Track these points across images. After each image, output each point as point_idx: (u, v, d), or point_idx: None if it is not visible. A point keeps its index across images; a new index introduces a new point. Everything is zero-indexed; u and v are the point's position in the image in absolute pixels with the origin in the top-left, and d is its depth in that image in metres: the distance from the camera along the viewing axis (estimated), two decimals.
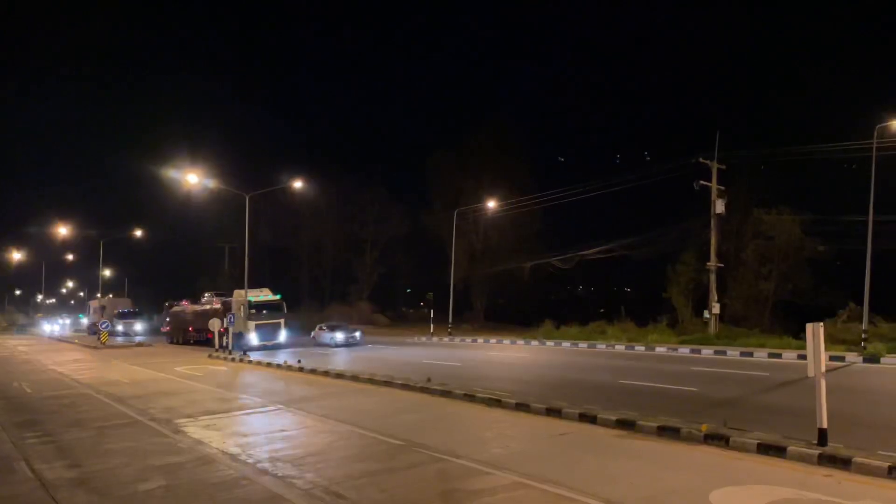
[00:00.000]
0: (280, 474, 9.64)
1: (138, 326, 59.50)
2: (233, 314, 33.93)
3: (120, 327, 57.81)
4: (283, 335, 34.59)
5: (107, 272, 66.50)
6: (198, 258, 71.70)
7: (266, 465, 10.21)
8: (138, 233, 56.54)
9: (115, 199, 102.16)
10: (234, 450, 11.32)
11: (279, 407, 15.78)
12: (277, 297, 34.99)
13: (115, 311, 60.47)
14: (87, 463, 10.79)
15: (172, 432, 13.11)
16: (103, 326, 43.32)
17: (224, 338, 31.74)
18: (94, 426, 14.04)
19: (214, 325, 32.54)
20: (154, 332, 58.66)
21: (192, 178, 32.07)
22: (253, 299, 33.52)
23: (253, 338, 32.89)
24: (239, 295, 34.32)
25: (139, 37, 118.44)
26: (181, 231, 71.93)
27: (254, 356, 28.74)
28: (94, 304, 69.02)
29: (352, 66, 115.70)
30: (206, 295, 48.85)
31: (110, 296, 69.16)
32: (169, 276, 76.78)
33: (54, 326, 78.91)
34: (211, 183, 35.14)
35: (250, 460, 10.55)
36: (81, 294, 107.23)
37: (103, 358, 33.79)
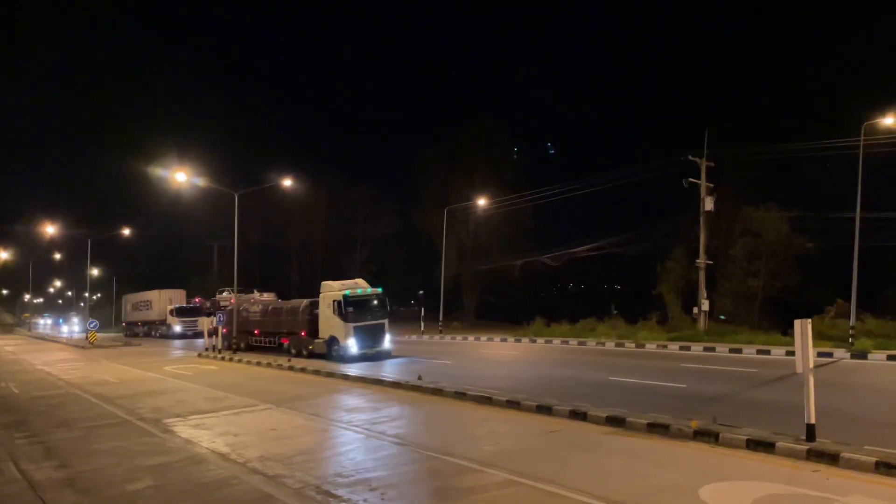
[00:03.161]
0: (270, 473, 9.60)
1: (201, 325, 43.05)
2: (222, 312, 33.73)
3: (178, 327, 46.28)
4: (387, 340, 25.66)
5: (95, 271, 65.93)
6: (187, 257, 71.41)
7: (256, 464, 10.17)
8: (126, 232, 56.18)
9: (103, 198, 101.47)
10: (224, 449, 11.27)
11: (269, 406, 15.72)
12: (378, 290, 26.41)
13: (170, 307, 48.78)
14: (75, 463, 10.72)
15: (161, 432, 13.04)
16: (91, 326, 43.00)
17: (213, 336, 31.56)
18: (83, 426, 13.95)
19: (204, 323, 32.46)
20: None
21: (181, 177, 31.88)
22: (349, 294, 24.96)
23: (351, 344, 24.38)
24: (330, 288, 26.25)
25: (128, 35, 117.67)
26: (170, 230, 71.53)
27: (350, 370, 21.74)
28: (132, 299, 58.96)
29: (342, 63, 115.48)
30: (224, 291, 45.71)
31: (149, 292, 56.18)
32: (157, 276, 76.27)
33: (72, 327, 69.61)
34: (200, 181, 34.95)
35: (240, 459, 10.51)
36: (69, 293, 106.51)
37: (91, 357, 33.58)
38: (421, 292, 50.14)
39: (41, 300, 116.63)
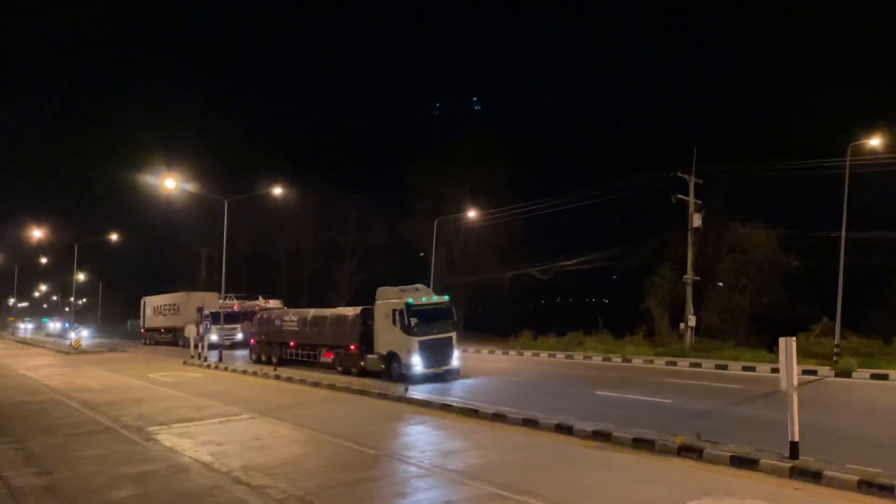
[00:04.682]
0: (254, 483, 9.55)
1: (241, 334, 37.52)
2: (209, 320, 33.48)
3: (214, 336, 36.42)
4: (455, 357, 21.57)
5: (81, 276, 65.41)
6: (174, 263, 70.99)
7: (239, 473, 10.11)
8: (113, 237, 55.77)
9: (90, 203, 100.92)
10: (208, 458, 11.20)
11: (254, 415, 15.64)
12: (445, 298, 22.58)
13: (204, 312, 40.48)
14: (57, 470, 10.62)
15: (144, 440, 12.94)
16: (76, 331, 42.63)
17: (199, 344, 31.35)
18: (65, 433, 13.83)
19: (190, 331, 32.17)
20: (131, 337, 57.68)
21: (170, 183, 31.77)
22: (413, 302, 21.07)
23: (416, 362, 20.35)
24: (387, 295, 22.42)
25: (116, 42, 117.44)
26: (158, 236, 71.08)
27: (423, 392, 17.82)
28: (154, 301, 51.27)
29: (333, 72, 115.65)
30: (228, 297, 38.76)
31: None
32: (144, 281, 75.75)
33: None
34: (190, 187, 34.85)
35: (224, 469, 10.44)
36: (55, 298, 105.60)
37: (75, 363, 33.27)
38: (410, 301, 50.04)
39: (26, 304, 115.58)
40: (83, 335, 60.90)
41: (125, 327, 73.91)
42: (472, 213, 44.67)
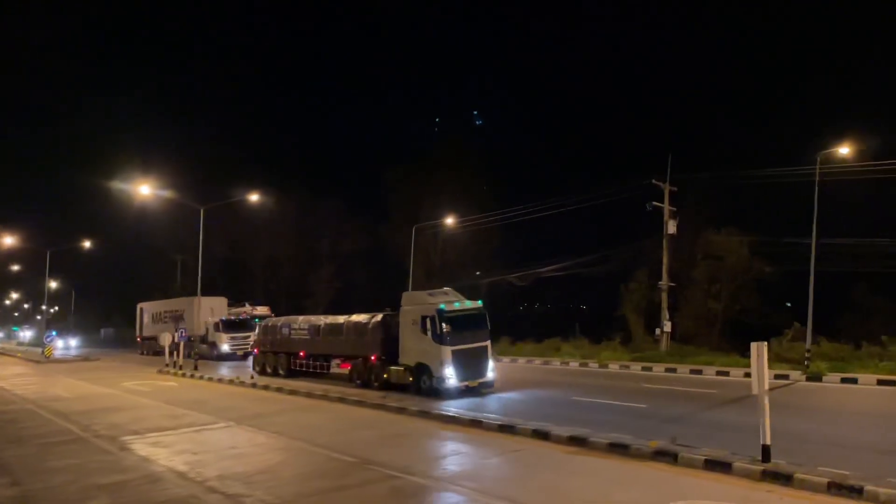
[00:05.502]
0: (230, 492, 9.48)
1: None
2: (184, 328, 33.09)
3: (225, 346, 35.46)
4: (491, 368, 19.50)
5: (53, 284, 64.34)
6: (149, 270, 70.14)
7: (215, 483, 10.03)
8: (86, 244, 54.99)
9: (63, 210, 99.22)
10: (183, 467, 11.09)
11: (230, 424, 15.51)
12: (479, 303, 20.51)
13: (213, 319, 38.10)
14: (28, 481, 10.45)
15: (118, 449, 12.79)
16: (48, 340, 41.96)
17: (175, 352, 31.00)
18: (37, 443, 13.62)
19: (166, 339, 31.80)
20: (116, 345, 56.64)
21: (145, 190, 31.48)
22: (445, 308, 18.92)
23: (449, 374, 18.27)
24: (415, 300, 20.28)
25: (91, 48, 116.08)
26: (132, 243, 70.20)
27: (450, 408, 16.05)
28: (153, 308, 46.67)
29: (310, 77, 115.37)
30: (237, 303, 38.31)
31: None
32: (118, 289, 74.74)
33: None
34: (165, 194, 34.55)
35: (199, 478, 10.35)
36: (26, 306, 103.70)
37: (47, 372, 32.73)
38: (388, 309, 49.89)
39: None
40: (72, 345, 59.27)
41: (97, 335, 72.84)
42: (450, 220, 44.78)
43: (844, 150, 22.89)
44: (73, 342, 60.56)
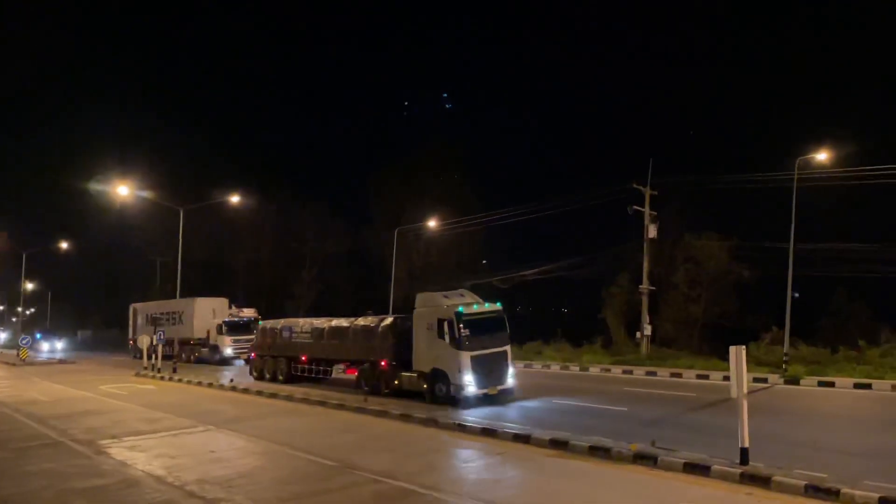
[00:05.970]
0: (209, 497, 9.39)
1: None
2: (162, 330, 32.75)
3: (228, 349, 33.96)
4: (510, 374, 18.51)
5: (29, 285, 63.41)
6: (127, 272, 69.39)
7: (194, 487, 9.93)
8: (63, 245, 54.29)
9: (39, 212, 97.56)
10: (161, 472, 10.98)
11: (209, 428, 15.37)
12: (497, 305, 19.47)
13: (216, 321, 36.06)
14: (4, 486, 10.29)
15: (95, 454, 12.63)
16: (23, 342, 41.31)
17: (153, 355, 30.61)
18: (13, 447, 13.40)
19: (143, 342, 31.44)
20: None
21: (124, 191, 31.14)
22: (464, 310, 17.95)
23: (468, 381, 17.21)
24: (430, 302, 19.15)
25: (66, 46, 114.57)
26: (110, 245, 69.37)
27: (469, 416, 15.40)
28: (148, 309, 43.05)
29: (293, 80, 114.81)
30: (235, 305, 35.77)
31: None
32: (95, 291, 73.86)
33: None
34: (147, 195, 34.24)
35: (178, 483, 10.25)
36: (1, 308, 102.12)
37: (22, 375, 32.22)
38: (370, 311, 49.73)
39: None
40: (57, 347, 58.11)
41: (75, 338, 71.87)
42: (432, 223, 44.80)
43: (822, 156, 23.23)
44: (59, 345, 59.57)
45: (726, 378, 11.57)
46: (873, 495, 8.35)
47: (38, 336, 45.57)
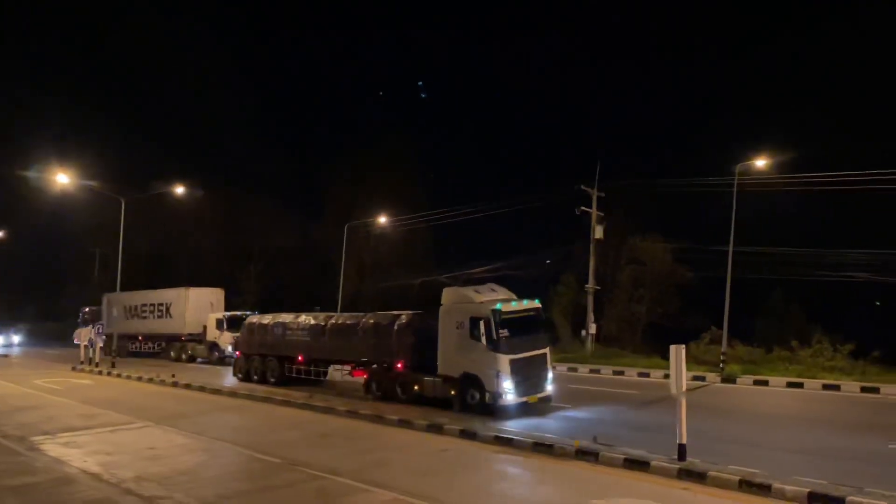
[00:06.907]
0: (147, 494, 9.17)
1: None
2: (101, 324, 31.71)
3: (230, 347, 29.66)
4: (550, 378, 16.51)
5: None
6: (63, 264, 67.00)
7: (131, 484, 9.68)
8: None
9: None
10: (97, 469, 10.66)
11: (148, 424, 15.00)
12: (536, 302, 17.53)
13: (215, 315, 33.38)
14: None
15: (27, 450, 12.19)
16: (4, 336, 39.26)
17: (90, 350, 29.61)
18: None
19: (82, 335, 30.42)
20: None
21: (63, 179, 30.01)
22: (502, 307, 15.81)
23: (507, 388, 15.03)
24: (459, 297, 17.02)
25: (7, 33, 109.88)
26: (46, 236, 66.82)
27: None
28: (125, 300, 38.56)
29: (244, 73, 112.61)
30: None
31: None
32: (28, 282, 70.93)
33: None
34: (86, 184, 33.06)
35: (114, 480, 9.97)
36: None
37: None
38: (318, 308, 49.22)
39: None
40: (14, 341, 54.89)
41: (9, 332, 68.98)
42: (382, 219, 44.68)
43: (761, 162, 23.97)
44: (16, 338, 56.12)
45: (667, 376, 11.88)
46: (803, 490, 8.69)
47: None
